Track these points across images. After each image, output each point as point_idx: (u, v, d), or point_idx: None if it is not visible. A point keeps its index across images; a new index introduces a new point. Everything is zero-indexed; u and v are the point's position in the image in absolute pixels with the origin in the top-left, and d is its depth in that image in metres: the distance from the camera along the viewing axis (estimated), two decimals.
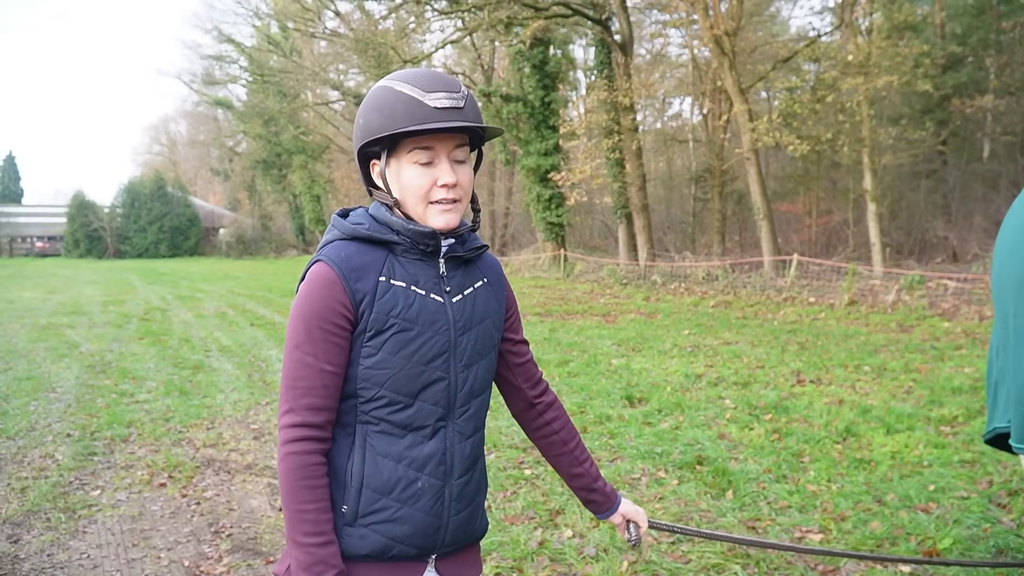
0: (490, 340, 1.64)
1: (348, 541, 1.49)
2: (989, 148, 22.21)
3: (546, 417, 1.80)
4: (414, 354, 1.49)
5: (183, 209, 55.91)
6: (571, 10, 20.61)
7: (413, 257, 1.53)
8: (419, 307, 1.50)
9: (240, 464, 5.58)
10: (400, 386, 1.49)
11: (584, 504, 1.88)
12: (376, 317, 1.47)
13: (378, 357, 1.47)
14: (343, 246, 1.51)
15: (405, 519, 1.50)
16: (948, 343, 9.76)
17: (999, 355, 2.23)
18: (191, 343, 11.64)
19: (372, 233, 1.51)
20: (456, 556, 1.64)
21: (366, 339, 1.47)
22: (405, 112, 1.45)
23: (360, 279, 1.47)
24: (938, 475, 4.74)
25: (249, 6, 42.31)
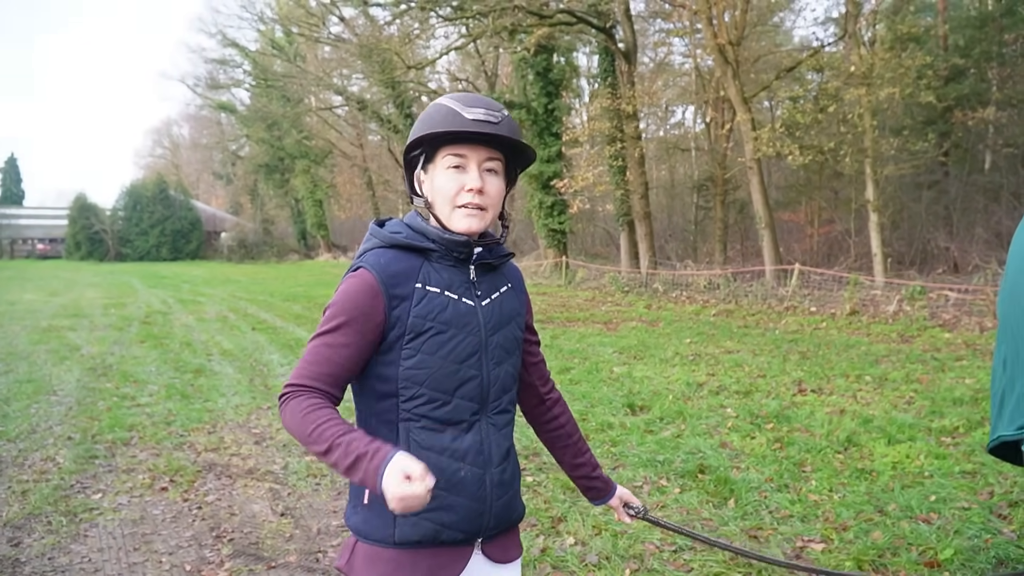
0: (516, 340, 1.77)
1: (401, 530, 1.61)
2: (990, 160, 22.23)
3: (554, 412, 1.94)
4: (450, 354, 1.61)
5: (185, 212, 55.92)
6: (576, 18, 20.68)
7: (447, 263, 1.66)
8: (453, 311, 1.62)
9: (242, 469, 5.58)
10: (438, 384, 1.60)
11: (584, 492, 2.02)
12: (414, 321, 1.59)
13: (418, 358, 1.59)
14: (382, 253, 1.63)
15: (452, 506, 1.62)
16: (949, 354, 9.75)
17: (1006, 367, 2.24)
18: (192, 347, 11.65)
19: (409, 241, 1.63)
20: (499, 539, 1.75)
21: (405, 342, 1.59)
22: (443, 121, 1.59)
23: (398, 285, 1.59)
24: (939, 486, 4.74)
25: (254, 11, 42.52)
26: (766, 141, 17.38)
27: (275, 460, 5.78)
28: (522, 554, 1.85)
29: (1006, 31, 20.32)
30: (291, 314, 16.37)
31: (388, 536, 1.62)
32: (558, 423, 1.95)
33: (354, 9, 31.79)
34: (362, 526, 1.65)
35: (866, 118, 16.90)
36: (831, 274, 15.86)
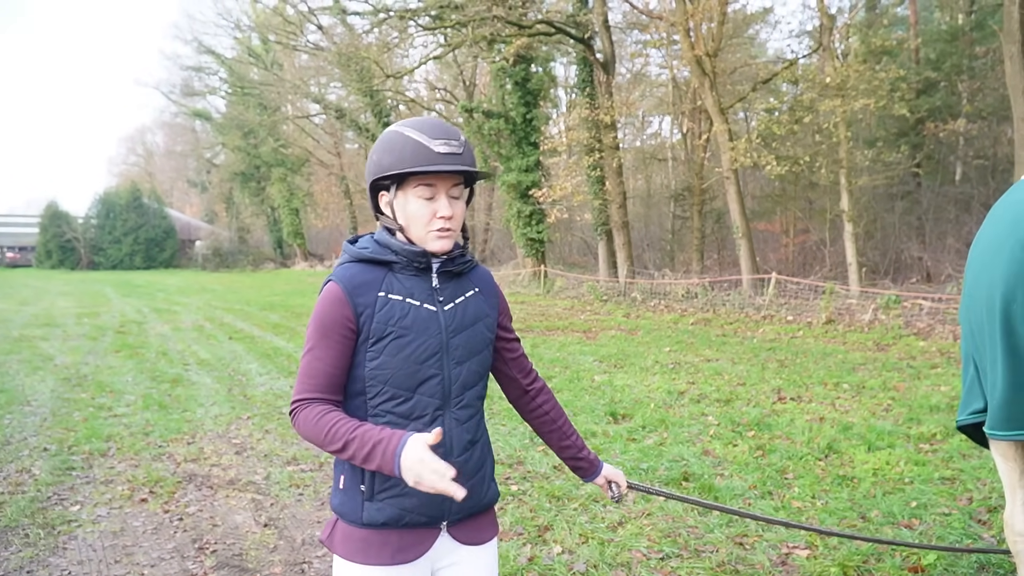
0: (483, 340, 1.91)
1: (368, 513, 1.79)
2: (961, 171, 22.63)
3: (538, 401, 2.11)
4: (410, 356, 1.77)
5: (159, 221, 55.30)
6: (554, 28, 20.79)
7: (409, 273, 1.82)
8: (413, 316, 1.78)
9: (223, 479, 5.51)
10: (400, 383, 1.77)
11: (573, 471, 2.21)
12: (376, 326, 1.75)
13: (380, 360, 1.76)
14: (350, 267, 1.81)
15: (412, 493, 1.75)
16: (924, 362, 9.89)
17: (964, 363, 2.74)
18: (169, 356, 11.51)
19: (373, 255, 1.81)
20: (468, 522, 1.91)
21: (369, 345, 1.76)
22: (413, 155, 1.73)
23: (362, 295, 1.76)
24: (920, 492, 4.80)
25: (230, 18, 42.52)
26: (743, 152, 17.55)
27: (256, 470, 5.71)
28: (497, 534, 1.99)
29: (976, 44, 20.73)
30: (268, 323, 16.24)
31: (358, 518, 1.80)
32: (542, 411, 2.11)
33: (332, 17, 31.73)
34: (339, 507, 1.84)
35: (841, 129, 17.14)
36: (807, 283, 16.03)
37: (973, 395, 2.74)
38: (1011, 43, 13.36)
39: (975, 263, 2.68)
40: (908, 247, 20.87)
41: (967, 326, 2.74)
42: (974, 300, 2.60)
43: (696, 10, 17.52)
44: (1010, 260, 2.38)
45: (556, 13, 21.73)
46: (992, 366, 2.48)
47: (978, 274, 2.61)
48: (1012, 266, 2.36)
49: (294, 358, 11.13)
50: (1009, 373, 2.38)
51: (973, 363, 2.74)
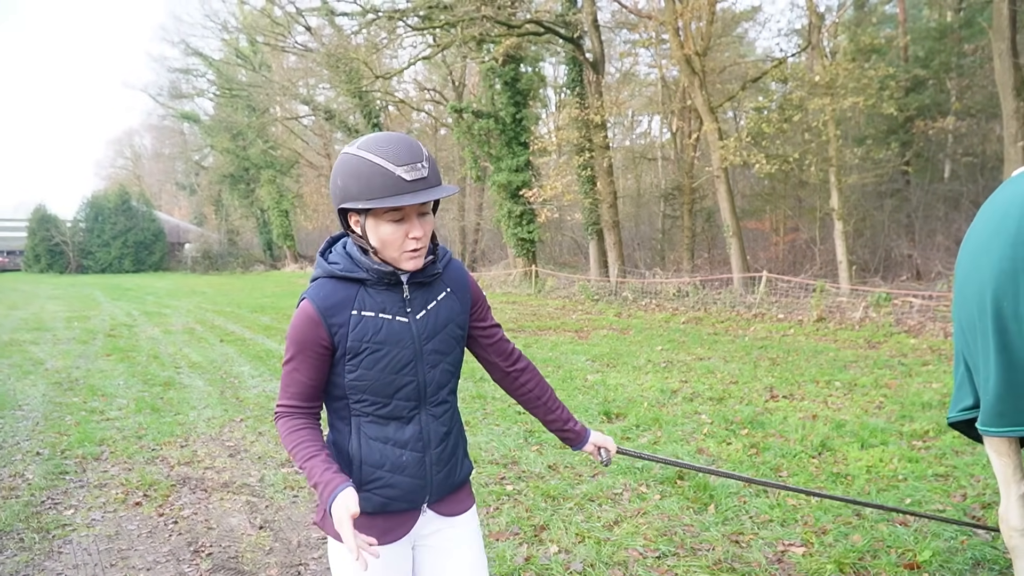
0: (453, 339, 2.00)
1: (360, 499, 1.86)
2: (950, 169, 22.76)
3: (521, 380, 2.21)
4: (386, 368, 1.87)
5: (148, 224, 54.98)
6: (543, 28, 20.80)
7: (380, 288, 1.88)
8: (387, 330, 1.87)
9: (217, 482, 5.49)
10: (378, 391, 1.88)
11: (563, 441, 2.33)
12: (352, 344, 1.84)
13: (358, 373, 1.86)
14: (323, 284, 1.88)
15: (396, 484, 1.92)
16: (915, 359, 9.95)
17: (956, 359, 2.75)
18: (160, 360, 11.46)
19: (345, 273, 1.87)
20: (446, 498, 2.05)
21: (347, 360, 1.86)
22: (382, 185, 1.75)
23: (335, 315, 1.84)
24: (914, 488, 4.83)
25: (218, 20, 42.16)
26: (733, 150, 17.59)
27: (251, 472, 5.70)
28: (474, 504, 2.14)
29: (964, 42, 20.83)
30: (260, 325, 16.18)
31: None
32: (526, 388, 2.21)
33: (320, 18, 31.64)
34: None
35: (830, 127, 17.21)
36: (798, 281, 16.09)
37: (964, 392, 2.76)
38: (1000, 40, 13.45)
39: (965, 261, 2.69)
40: (898, 245, 20.98)
41: (958, 323, 2.76)
42: (964, 298, 2.62)
43: (685, 9, 17.55)
44: (1000, 257, 2.38)
45: (545, 13, 21.73)
46: (984, 363, 2.50)
47: (968, 272, 2.62)
48: (1002, 263, 2.37)
49: None
50: (1001, 370, 2.40)
51: (964, 360, 2.76)
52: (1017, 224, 2.34)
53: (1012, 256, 2.34)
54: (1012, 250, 2.34)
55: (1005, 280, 2.35)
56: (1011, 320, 2.34)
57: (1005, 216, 2.44)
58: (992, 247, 2.44)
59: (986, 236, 2.53)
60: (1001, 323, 2.37)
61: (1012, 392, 2.40)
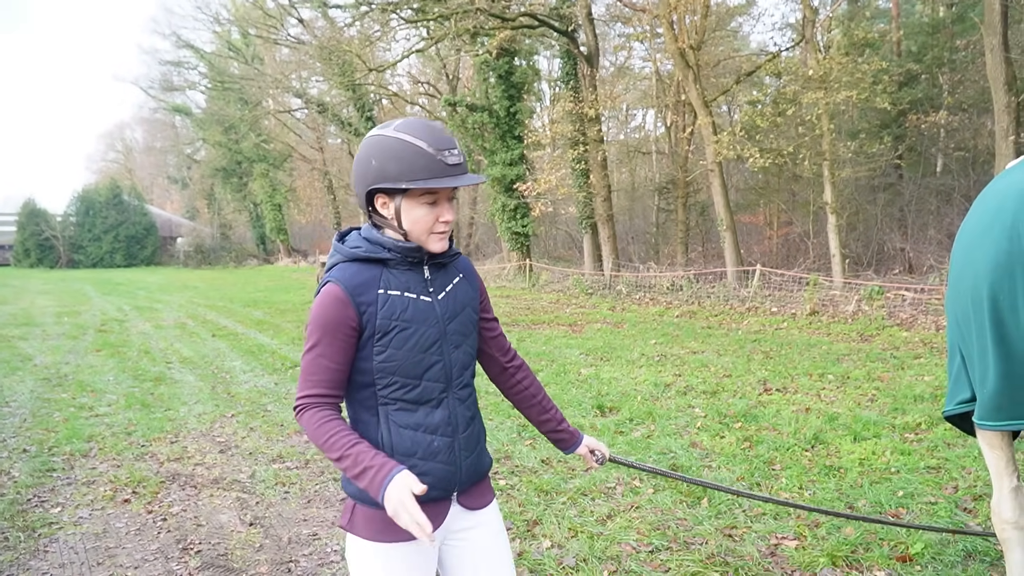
0: (471, 323, 2.03)
1: None
2: (942, 163, 22.77)
3: (517, 377, 2.22)
4: (415, 346, 1.87)
5: (139, 218, 54.71)
6: (538, 21, 20.72)
7: (403, 268, 1.91)
8: (413, 308, 1.88)
9: (207, 478, 5.45)
10: (408, 372, 1.87)
11: (555, 444, 2.30)
12: (381, 322, 1.85)
13: (387, 353, 1.85)
14: (346, 267, 1.88)
15: (429, 471, 1.90)
16: (907, 352, 9.95)
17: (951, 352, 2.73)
18: (151, 355, 11.39)
19: (368, 254, 1.89)
20: (471, 490, 2.05)
21: (376, 341, 1.85)
22: (425, 168, 1.81)
23: (363, 294, 1.84)
24: (906, 481, 4.81)
25: (209, 12, 41.99)
26: (727, 144, 17.56)
27: (241, 469, 5.65)
28: (495, 498, 2.13)
29: (957, 37, 20.83)
30: (252, 320, 16.12)
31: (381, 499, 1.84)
32: (521, 386, 2.23)
33: (313, 11, 31.47)
34: (359, 493, 1.90)
35: (824, 121, 17.19)
36: (791, 275, 16.09)
37: (960, 385, 2.73)
38: (992, 35, 13.44)
39: (959, 254, 2.66)
40: (890, 238, 21.00)
41: (953, 317, 2.73)
42: (959, 291, 2.59)
43: (679, 2, 17.49)
44: (996, 249, 2.34)
45: (539, 6, 21.63)
46: (980, 357, 2.46)
47: (962, 264, 2.59)
48: (998, 256, 2.33)
49: (279, 355, 11.04)
50: (999, 363, 2.36)
51: (959, 353, 2.73)
52: (1013, 216, 2.31)
53: (1008, 249, 2.30)
54: (1008, 243, 2.30)
55: (1001, 273, 2.31)
56: (1007, 313, 2.31)
57: (1000, 208, 2.40)
58: (987, 240, 2.40)
59: (981, 229, 2.50)
60: (997, 316, 2.34)
61: (1009, 385, 2.37)
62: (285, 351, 11.39)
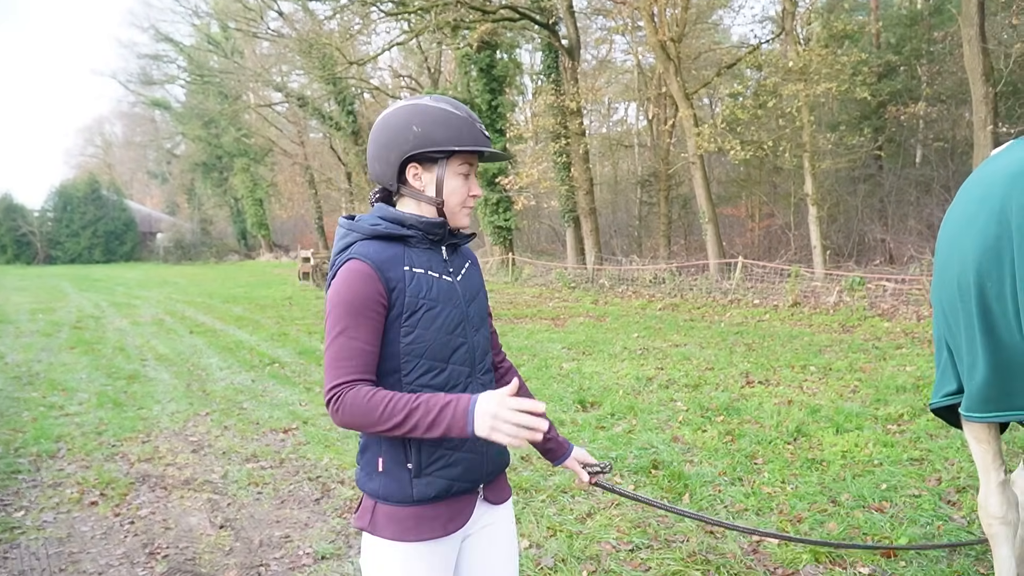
0: (485, 308, 2.00)
1: (419, 489, 1.80)
2: (921, 154, 22.87)
3: (507, 379, 2.12)
4: (442, 326, 1.80)
5: (118, 213, 53.98)
6: (518, 14, 20.56)
7: (424, 247, 1.85)
8: (438, 288, 1.82)
9: (178, 479, 5.31)
10: (436, 354, 1.79)
11: (544, 454, 2.18)
12: (409, 300, 1.76)
13: (416, 333, 1.77)
14: (368, 244, 1.79)
15: (458, 461, 1.83)
16: (889, 343, 9.94)
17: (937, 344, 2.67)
18: (126, 352, 11.20)
19: (389, 230, 1.80)
20: (494, 483, 1.98)
21: (403, 321, 1.76)
22: (471, 136, 1.82)
23: (391, 269, 1.76)
24: (889, 474, 4.76)
25: (188, 4, 41.25)
26: (708, 137, 17.52)
27: (214, 469, 5.52)
28: (511, 495, 2.06)
29: (935, 29, 20.88)
30: (231, 316, 15.91)
31: (407, 496, 1.80)
32: None
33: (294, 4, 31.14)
34: (381, 490, 1.81)
35: (804, 113, 17.18)
36: (773, 267, 16.09)
37: (947, 377, 2.65)
38: (969, 26, 13.45)
39: (945, 242, 2.57)
40: (871, 229, 21.07)
41: (939, 307, 2.65)
42: (945, 279, 2.51)
43: None
44: (983, 235, 2.25)
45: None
46: (968, 347, 2.38)
47: (948, 253, 2.51)
48: (986, 241, 2.24)
49: (257, 351, 10.88)
50: (988, 353, 2.28)
51: (946, 345, 2.65)
52: (1000, 201, 2.22)
53: (996, 234, 2.20)
54: (996, 227, 2.20)
55: (988, 259, 2.22)
56: (995, 301, 2.22)
57: (987, 195, 2.31)
58: (974, 226, 2.32)
59: (967, 216, 2.41)
60: (985, 304, 2.25)
61: (997, 376, 2.29)
62: (264, 347, 11.23)
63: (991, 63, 14.02)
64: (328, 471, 5.36)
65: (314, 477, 5.25)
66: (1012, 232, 2.14)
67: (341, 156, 38.07)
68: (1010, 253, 2.14)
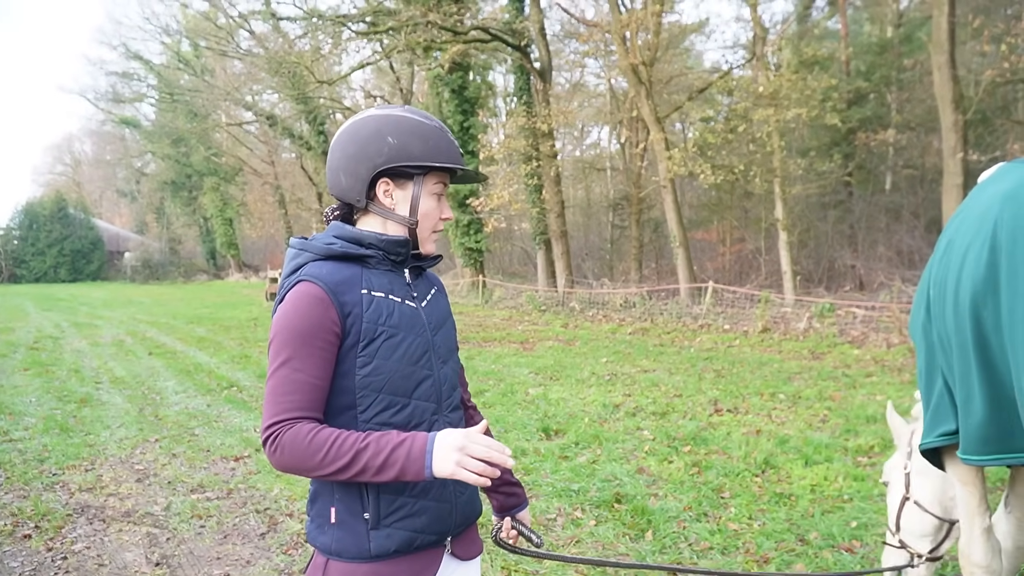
0: (453, 339, 1.80)
1: (376, 542, 1.59)
2: (891, 181, 23.12)
3: (475, 419, 1.92)
4: (404, 356, 1.60)
5: (85, 231, 53.12)
6: (490, 35, 20.56)
7: (384, 268, 1.65)
8: (399, 314, 1.62)
9: (118, 511, 5.03)
10: (396, 388, 1.59)
11: (501, 504, 1.96)
12: (367, 327, 1.56)
13: (374, 364, 1.57)
14: (320, 265, 1.59)
15: (423, 510, 1.62)
16: (859, 370, 9.88)
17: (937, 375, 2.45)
18: (81, 374, 10.82)
19: (345, 250, 1.61)
20: (463, 536, 1.77)
21: (360, 350, 1.56)
22: (447, 152, 1.64)
23: (346, 292, 1.56)
24: (859, 510, 4.62)
25: (158, 23, 40.94)
26: (679, 161, 17.56)
27: (157, 499, 5.24)
28: (482, 551, 1.85)
29: (904, 57, 21.21)
30: (193, 337, 15.53)
31: (364, 551, 1.59)
32: None
33: (264, 22, 30.95)
34: (334, 545, 1.61)
35: (774, 138, 17.28)
36: (743, 292, 16.07)
37: (943, 415, 2.46)
38: (939, 53, 13.60)
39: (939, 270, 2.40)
40: (841, 255, 21.20)
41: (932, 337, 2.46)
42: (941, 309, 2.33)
43: (631, 19, 17.49)
44: (977, 264, 2.08)
45: (492, 20, 21.51)
46: (963, 381, 2.20)
47: (943, 280, 2.33)
48: (979, 270, 2.08)
49: (216, 374, 10.56)
50: (985, 388, 2.10)
51: (942, 378, 2.47)
52: (994, 225, 2.04)
53: (991, 262, 2.03)
54: (991, 255, 2.03)
55: (984, 289, 2.05)
56: (992, 333, 2.04)
57: (982, 219, 2.14)
58: (969, 255, 2.15)
59: (963, 243, 2.23)
60: (982, 337, 2.08)
61: (996, 414, 2.10)
62: (223, 370, 10.91)
63: (961, 90, 14.19)
64: (277, 503, 5.11)
65: (262, 509, 4.99)
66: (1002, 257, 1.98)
67: (312, 176, 37.76)
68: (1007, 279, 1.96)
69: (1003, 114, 20.33)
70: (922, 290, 2.65)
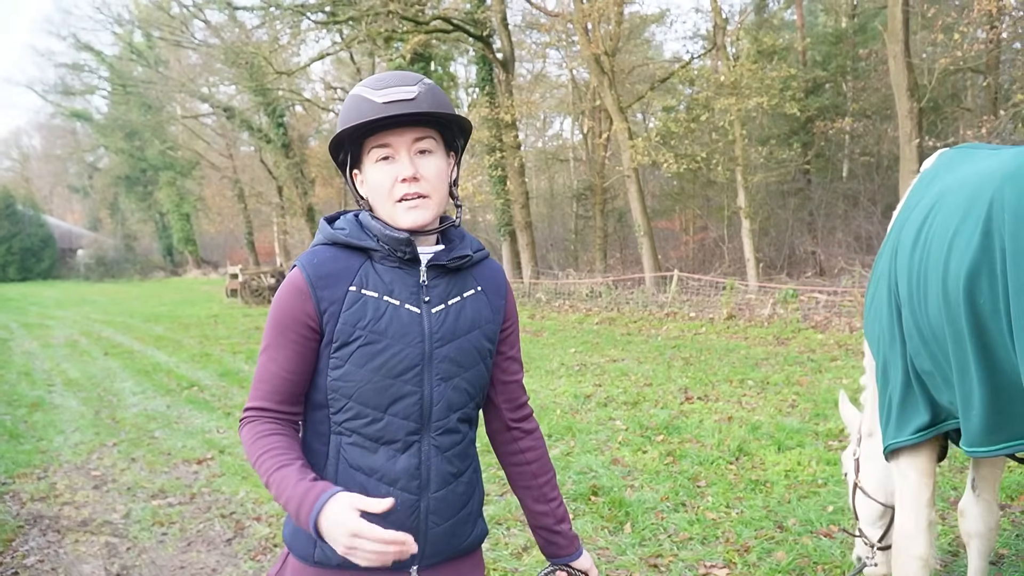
0: (476, 352, 1.57)
1: (321, 551, 1.48)
2: (848, 168, 23.46)
3: (521, 445, 1.73)
4: (381, 367, 1.46)
5: (35, 229, 51.57)
6: (452, 25, 20.34)
7: (391, 264, 1.51)
8: (390, 319, 1.47)
9: (74, 520, 4.82)
10: (368, 399, 1.47)
11: (543, 548, 1.77)
12: (342, 328, 1.46)
13: (344, 369, 1.46)
14: (320, 251, 1.51)
15: None
16: (824, 355, 9.96)
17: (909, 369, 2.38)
18: (31, 377, 10.46)
19: (349, 239, 1.50)
20: (445, 565, 1.58)
21: (332, 351, 1.47)
22: (356, 113, 1.46)
23: (328, 287, 1.46)
24: (835, 495, 4.60)
25: (110, 13, 39.89)
26: (642, 150, 17.57)
27: (115, 507, 5.04)
28: None
29: (859, 47, 21.48)
30: (151, 336, 15.14)
31: (309, 555, 1.51)
32: (523, 458, 1.73)
33: (220, 12, 30.27)
34: (290, 539, 1.55)
35: (736, 127, 17.37)
36: (708, 280, 16.15)
37: (913, 409, 2.39)
38: (895, 43, 13.75)
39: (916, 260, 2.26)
40: (802, 242, 21.45)
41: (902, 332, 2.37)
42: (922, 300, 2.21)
43: (593, 9, 17.42)
44: (967, 248, 1.99)
45: (454, 10, 21.27)
46: (961, 374, 2.10)
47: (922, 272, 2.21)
48: (972, 254, 1.97)
49: (175, 374, 10.28)
50: (985, 376, 2.01)
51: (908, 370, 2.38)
52: (987, 211, 1.94)
53: (984, 246, 1.94)
54: (984, 239, 1.94)
55: (980, 273, 1.95)
56: (990, 319, 1.94)
57: (970, 205, 2.03)
58: (956, 241, 2.05)
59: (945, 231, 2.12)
60: (979, 323, 1.98)
61: (998, 400, 2.02)
62: (183, 370, 10.62)
63: (915, 79, 14.38)
64: (243, 506, 4.94)
65: (227, 514, 4.82)
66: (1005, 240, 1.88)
67: (272, 169, 37.08)
68: (1003, 262, 1.87)
69: (954, 102, 20.71)
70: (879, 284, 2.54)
